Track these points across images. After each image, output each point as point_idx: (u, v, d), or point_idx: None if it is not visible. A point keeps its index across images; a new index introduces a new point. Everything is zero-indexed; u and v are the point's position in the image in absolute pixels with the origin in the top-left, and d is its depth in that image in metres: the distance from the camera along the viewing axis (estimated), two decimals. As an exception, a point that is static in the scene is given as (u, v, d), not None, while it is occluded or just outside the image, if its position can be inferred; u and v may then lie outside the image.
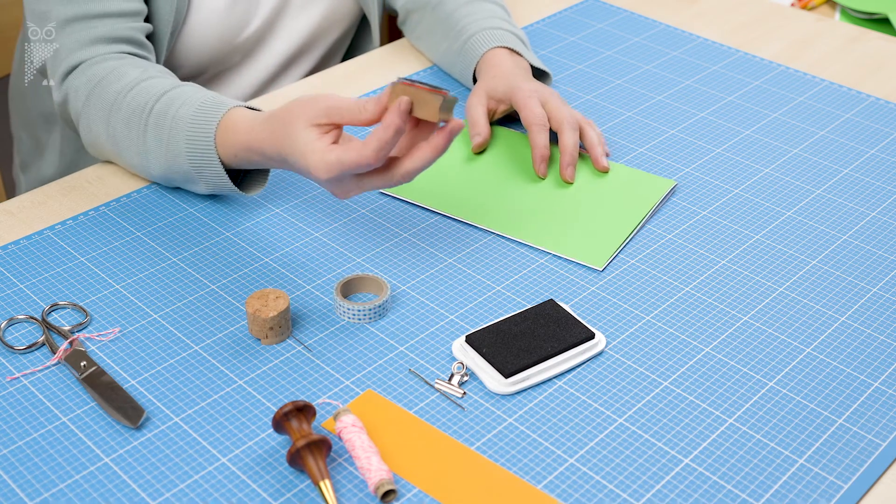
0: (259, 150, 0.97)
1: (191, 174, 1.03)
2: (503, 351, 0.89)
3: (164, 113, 1.02)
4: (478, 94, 1.19)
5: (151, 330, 0.93)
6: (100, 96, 1.06)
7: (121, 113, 1.05)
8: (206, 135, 1.00)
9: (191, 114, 1.01)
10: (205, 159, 1.01)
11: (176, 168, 1.03)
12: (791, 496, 0.79)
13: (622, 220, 1.07)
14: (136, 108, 1.04)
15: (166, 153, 1.02)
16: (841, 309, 0.97)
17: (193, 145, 1.01)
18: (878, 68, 1.37)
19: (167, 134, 1.02)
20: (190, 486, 0.79)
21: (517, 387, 0.87)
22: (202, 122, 1.00)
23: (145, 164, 1.05)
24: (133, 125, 1.04)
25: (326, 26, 1.35)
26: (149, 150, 1.03)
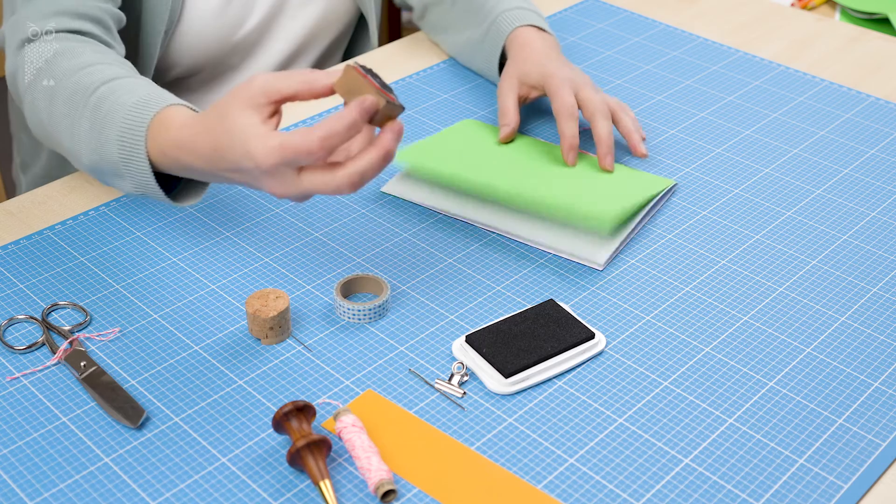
0: (191, 147, 0.87)
1: (118, 166, 0.93)
2: (503, 351, 0.89)
3: (106, 97, 0.94)
4: (509, 80, 1.19)
5: (151, 330, 0.93)
6: (50, 71, 1.00)
7: (65, 91, 0.97)
8: (139, 125, 0.91)
9: (131, 102, 0.93)
10: (133, 151, 0.91)
11: (105, 157, 0.94)
12: (791, 496, 0.79)
13: (626, 196, 1.06)
14: (81, 87, 0.96)
15: (98, 139, 0.94)
16: (841, 309, 0.97)
17: (124, 135, 0.92)
18: (878, 68, 1.38)
19: (103, 118, 0.94)
20: (190, 486, 0.79)
21: (517, 387, 0.87)
22: (139, 112, 0.92)
23: (77, 149, 0.97)
24: (74, 104, 0.96)
25: (324, 26, 1.35)
26: (82, 133, 0.95)
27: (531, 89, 1.18)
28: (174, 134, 0.88)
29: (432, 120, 1.24)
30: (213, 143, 0.84)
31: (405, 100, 1.28)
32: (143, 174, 0.92)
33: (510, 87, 1.18)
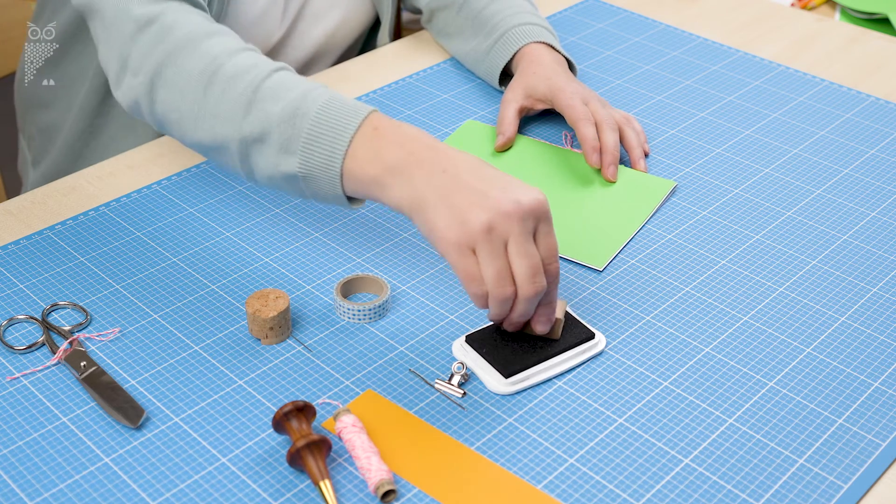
0: (432, 144, 0.83)
1: (296, 139, 0.86)
2: (503, 351, 0.89)
3: (295, 81, 0.90)
4: (515, 91, 1.20)
5: (151, 330, 0.93)
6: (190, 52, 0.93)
7: (233, 60, 0.92)
8: (357, 108, 0.86)
9: (332, 93, 0.88)
10: (339, 122, 0.85)
11: (285, 126, 0.87)
12: (791, 496, 0.79)
13: (623, 222, 1.07)
14: (258, 63, 0.91)
15: (283, 107, 0.87)
16: (841, 309, 0.97)
17: (335, 104, 0.86)
18: (878, 68, 1.37)
19: (300, 93, 0.88)
20: (190, 486, 0.79)
21: (517, 387, 0.87)
22: (351, 102, 0.87)
23: (237, 118, 0.89)
24: (247, 75, 0.90)
25: (344, 31, 1.35)
26: (256, 101, 0.89)
27: (537, 101, 1.19)
28: (414, 130, 0.85)
29: (432, 120, 1.24)
30: (469, 159, 0.83)
31: (405, 99, 1.28)
32: (334, 145, 0.85)
33: (514, 97, 1.19)
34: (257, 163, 0.90)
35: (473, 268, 0.80)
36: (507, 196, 0.80)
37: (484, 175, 0.82)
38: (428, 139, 0.84)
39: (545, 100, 1.18)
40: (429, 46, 1.40)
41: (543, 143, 1.20)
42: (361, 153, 0.84)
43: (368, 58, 1.37)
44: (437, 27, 1.37)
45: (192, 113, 0.92)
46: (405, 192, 0.82)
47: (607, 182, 1.12)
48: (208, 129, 0.91)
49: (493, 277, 0.80)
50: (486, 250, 0.80)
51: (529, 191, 0.81)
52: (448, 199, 0.80)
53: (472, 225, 0.79)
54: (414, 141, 0.84)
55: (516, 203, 0.80)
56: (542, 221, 0.82)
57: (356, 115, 0.86)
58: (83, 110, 1.28)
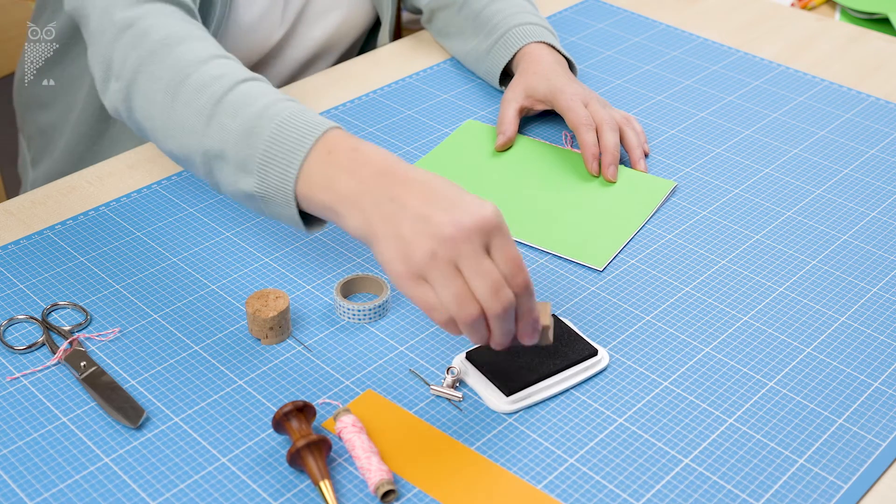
0: (384, 158, 0.81)
1: (252, 157, 0.85)
2: (504, 368, 0.88)
3: (259, 93, 0.88)
4: (515, 91, 1.20)
5: (151, 330, 0.93)
6: (163, 56, 0.93)
7: (201, 70, 0.91)
8: (313, 125, 0.84)
9: (296, 109, 0.86)
10: (293, 142, 0.83)
11: (242, 145, 0.85)
12: (791, 496, 0.79)
13: (623, 222, 1.07)
14: (227, 73, 0.90)
15: (241, 123, 0.86)
16: (841, 309, 0.97)
17: (289, 124, 0.84)
18: (878, 68, 1.37)
19: (260, 107, 0.86)
20: (190, 486, 0.79)
21: (518, 405, 0.86)
22: (309, 120, 0.85)
23: (199, 131, 0.88)
24: (212, 85, 0.89)
25: (344, 32, 1.35)
26: (216, 114, 0.87)
27: (537, 102, 1.19)
28: (367, 148, 0.82)
29: (432, 120, 1.24)
30: (420, 179, 0.80)
31: (405, 99, 1.28)
32: (287, 167, 0.83)
33: (514, 97, 1.19)
34: (219, 178, 0.88)
35: (430, 296, 0.77)
36: (450, 218, 0.77)
37: (431, 197, 0.78)
38: (381, 162, 0.81)
39: (545, 100, 1.18)
40: (429, 46, 1.40)
41: (543, 143, 1.20)
42: (316, 178, 0.82)
43: (368, 58, 1.37)
44: (437, 27, 1.37)
45: (162, 122, 0.91)
46: (358, 222, 0.80)
47: (607, 182, 1.12)
48: (176, 140, 0.90)
49: (452, 301, 0.76)
50: (435, 277, 0.76)
51: (476, 208, 0.77)
52: (394, 230, 0.78)
53: (416, 255, 0.77)
54: (365, 167, 0.81)
55: (457, 225, 0.76)
56: (494, 236, 0.78)
57: (310, 135, 0.83)
58: (85, 112, 1.28)
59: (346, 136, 0.84)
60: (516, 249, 0.78)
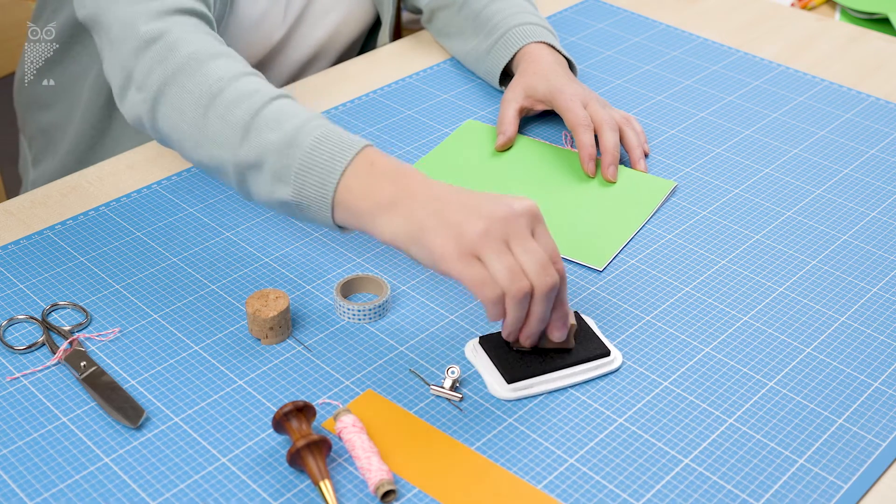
0: (417, 177, 0.85)
1: (289, 168, 0.87)
2: (512, 356, 0.88)
3: (294, 110, 0.91)
4: (515, 91, 1.20)
5: (151, 330, 0.93)
6: (194, 70, 0.94)
7: (234, 84, 0.92)
8: (351, 141, 0.88)
9: (330, 126, 0.89)
10: (333, 155, 0.86)
11: (281, 156, 0.88)
12: (791, 496, 0.79)
13: (623, 222, 1.07)
14: (259, 90, 0.92)
15: (280, 137, 0.88)
16: (841, 309, 0.97)
17: (331, 137, 0.87)
18: (878, 68, 1.37)
19: (297, 123, 0.89)
20: (190, 486, 0.79)
21: (518, 394, 0.86)
22: (346, 135, 0.88)
23: (235, 144, 0.90)
24: (247, 101, 0.91)
25: (344, 31, 1.35)
26: (253, 128, 0.89)
27: (536, 102, 1.19)
28: (407, 166, 0.86)
29: (432, 120, 1.24)
30: (459, 188, 0.84)
31: (405, 99, 1.28)
32: (326, 178, 0.86)
33: (514, 97, 1.19)
34: (253, 187, 0.91)
35: (481, 272, 0.80)
36: (499, 203, 0.81)
37: (474, 195, 0.83)
38: (420, 175, 0.85)
39: (545, 101, 1.18)
40: (429, 46, 1.40)
41: (543, 143, 1.20)
42: (355, 186, 0.85)
43: (368, 58, 1.37)
44: (437, 27, 1.37)
45: (193, 134, 0.93)
46: (401, 225, 0.83)
47: (607, 182, 1.12)
48: (207, 151, 0.92)
49: (506, 274, 0.79)
50: (489, 251, 0.80)
51: (520, 199, 0.83)
52: (443, 220, 0.81)
53: (469, 234, 0.80)
54: (406, 177, 0.85)
55: (509, 207, 0.81)
56: (538, 224, 0.83)
57: (351, 147, 0.87)
58: (86, 112, 1.28)
59: (383, 153, 0.87)
60: (554, 241, 0.84)
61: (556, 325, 0.85)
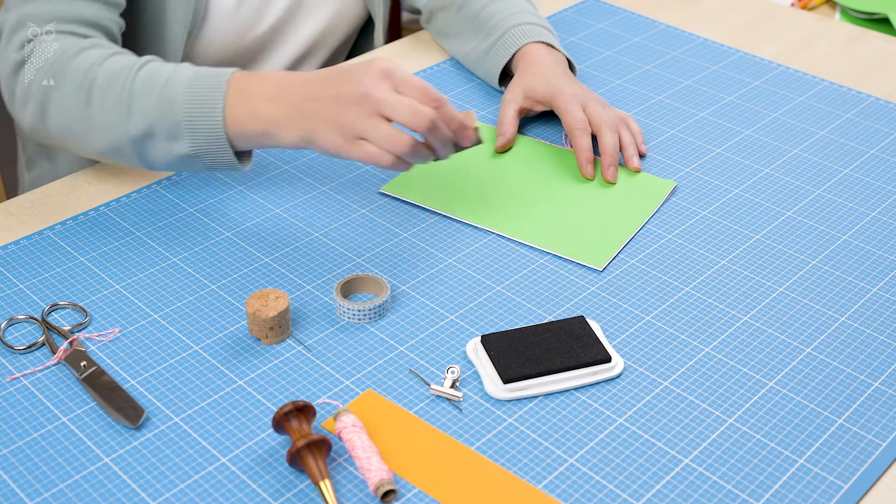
0: (290, 77, 0.94)
1: (178, 123, 0.95)
2: (511, 357, 0.88)
3: (158, 70, 0.97)
4: (514, 92, 1.20)
5: (151, 330, 0.93)
6: (66, 66, 1.00)
7: (102, 70, 0.99)
8: (216, 75, 0.95)
9: (194, 69, 0.97)
10: (207, 96, 0.95)
11: (164, 115, 0.95)
12: (791, 496, 0.79)
13: (623, 222, 1.07)
14: (124, 65, 0.98)
15: (157, 99, 0.95)
16: (841, 309, 0.97)
17: (197, 81, 0.95)
18: (878, 68, 1.38)
19: (164, 80, 0.96)
20: (190, 486, 0.79)
21: (514, 394, 0.86)
22: (211, 73, 0.96)
23: (115, 121, 0.97)
24: (117, 79, 0.97)
25: (334, 28, 1.35)
26: (133, 101, 0.96)
27: (536, 103, 1.19)
28: (270, 74, 0.94)
29: (432, 120, 1.24)
30: (315, 76, 0.92)
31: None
32: (212, 118, 0.94)
33: (513, 98, 1.19)
34: (152, 154, 0.98)
35: (370, 148, 0.90)
36: (353, 84, 0.90)
37: (332, 80, 0.91)
38: (285, 80, 0.94)
39: (544, 102, 1.18)
40: (429, 46, 1.40)
41: (543, 143, 1.20)
42: (239, 115, 0.94)
43: (367, 58, 1.37)
44: (436, 27, 1.37)
45: (83, 128, 0.99)
46: (293, 133, 0.93)
47: (607, 183, 1.12)
48: (101, 138, 0.99)
49: (388, 142, 0.89)
50: (366, 130, 0.90)
51: (367, 66, 0.91)
52: (322, 118, 0.91)
53: (345, 123, 0.90)
54: (277, 89, 0.93)
55: (360, 84, 0.90)
56: (394, 76, 0.91)
57: (218, 85, 0.94)
58: None
59: (248, 73, 0.96)
60: (417, 78, 0.92)
61: (459, 135, 0.95)
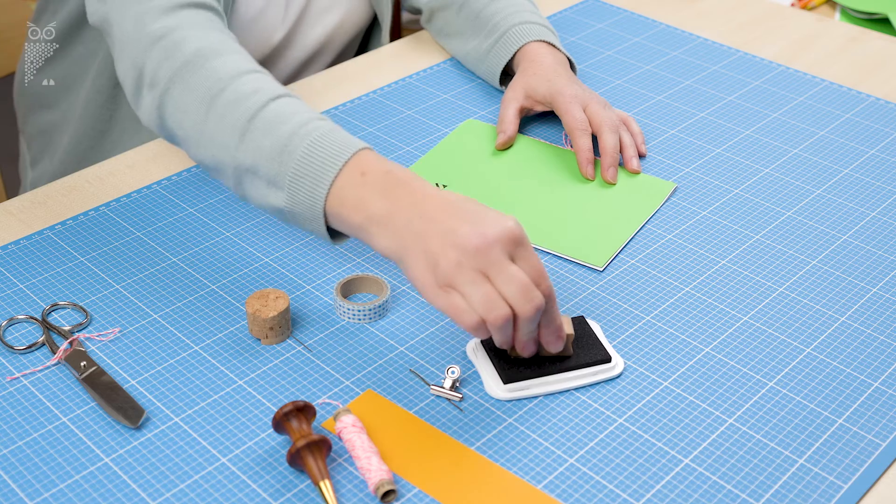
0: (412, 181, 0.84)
1: (283, 175, 0.87)
2: (511, 357, 0.88)
3: (295, 109, 0.90)
4: (515, 91, 1.20)
5: (151, 330, 0.93)
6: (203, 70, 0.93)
7: (235, 84, 0.92)
8: (345, 144, 0.87)
9: (328, 127, 0.88)
10: (323, 162, 0.86)
11: (275, 161, 0.88)
12: (791, 496, 0.79)
13: (623, 222, 1.07)
14: (260, 89, 0.91)
15: (274, 141, 0.88)
16: (841, 309, 0.97)
17: (324, 141, 0.87)
18: (878, 68, 1.38)
19: (293, 126, 0.88)
20: (190, 486, 0.79)
21: (514, 395, 0.86)
22: (339, 138, 0.87)
23: (231, 145, 0.90)
24: (246, 100, 0.90)
25: (341, 31, 1.36)
26: (248, 131, 0.89)
27: (536, 103, 1.19)
28: (397, 169, 0.85)
29: (432, 120, 1.24)
30: (447, 198, 0.83)
31: (405, 99, 1.28)
32: (317, 187, 0.86)
33: (514, 97, 1.19)
34: (249, 191, 0.90)
35: (458, 301, 0.80)
36: (475, 230, 0.80)
37: (458, 213, 0.82)
38: (409, 184, 0.84)
39: (545, 102, 1.18)
40: (429, 46, 1.40)
41: (543, 143, 1.20)
42: (348, 199, 0.85)
43: (368, 58, 1.37)
44: (436, 27, 1.37)
45: (195, 134, 0.93)
46: (389, 242, 0.83)
47: (606, 191, 1.12)
48: (207, 151, 0.92)
49: (482, 302, 0.79)
50: (462, 282, 0.79)
51: (500, 221, 0.81)
52: (423, 245, 0.81)
53: (443, 265, 0.80)
54: (397, 189, 0.84)
55: (482, 236, 0.80)
56: (519, 247, 0.81)
57: (342, 155, 0.86)
58: (86, 112, 1.28)
59: (378, 157, 0.86)
60: (539, 260, 0.82)
61: (548, 341, 0.85)
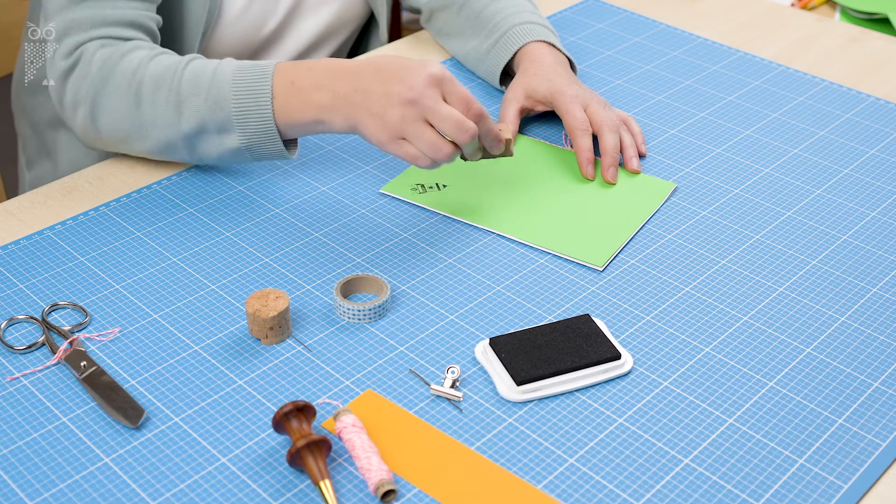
0: (341, 65, 0.99)
1: (229, 118, 1.01)
2: (521, 358, 0.88)
3: (202, 67, 1.03)
4: (516, 91, 1.20)
5: (151, 330, 0.93)
6: (116, 69, 1.05)
7: (148, 77, 1.03)
8: (261, 68, 1.01)
9: (236, 65, 1.02)
10: (252, 90, 1.00)
11: (215, 111, 1.01)
12: (791, 496, 0.79)
13: (623, 222, 1.07)
14: (169, 65, 1.03)
15: (206, 98, 1.01)
16: (841, 309, 0.97)
17: (242, 76, 1.01)
18: (878, 68, 1.38)
19: (209, 78, 1.01)
20: (190, 486, 0.79)
21: (528, 396, 0.86)
22: (254, 67, 1.01)
23: (174, 121, 1.03)
24: (164, 80, 1.03)
25: (337, 26, 1.35)
26: (182, 100, 1.02)
27: (537, 103, 1.19)
28: (317, 63, 1.00)
29: (432, 120, 1.24)
30: (367, 66, 0.97)
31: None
32: (261, 111, 0.99)
33: (515, 97, 1.19)
34: (204, 148, 1.04)
35: (410, 149, 0.95)
36: (406, 86, 0.94)
37: (386, 75, 0.96)
38: (333, 68, 0.99)
39: (545, 102, 1.18)
40: (429, 46, 1.40)
41: (543, 143, 1.20)
42: (292, 105, 0.99)
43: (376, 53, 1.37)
44: (436, 27, 1.37)
45: (134, 128, 1.05)
46: (343, 122, 0.98)
47: (607, 183, 1.12)
48: (154, 136, 1.04)
49: (429, 148, 0.94)
50: (410, 132, 0.94)
51: (423, 70, 0.95)
52: (368, 111, 0.96)
53: (390, 122, 0.95)
54: (325, 77, 0.98)
55: (412, 89, 0.94)
56: (444, 84, 0.95)
57: (264, 77, 1.00)
58: None
59: (293, 63, 1.01)
60: (465, 89, 0.96)
61: (491, 146, 1.01)
